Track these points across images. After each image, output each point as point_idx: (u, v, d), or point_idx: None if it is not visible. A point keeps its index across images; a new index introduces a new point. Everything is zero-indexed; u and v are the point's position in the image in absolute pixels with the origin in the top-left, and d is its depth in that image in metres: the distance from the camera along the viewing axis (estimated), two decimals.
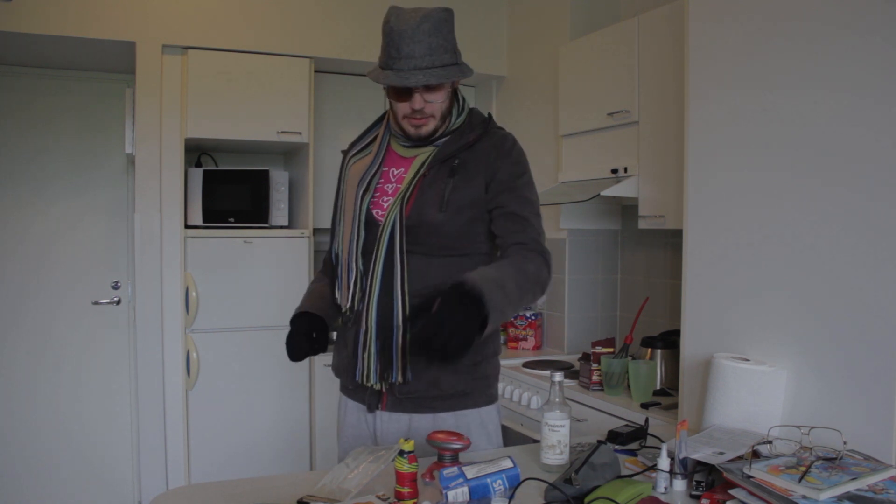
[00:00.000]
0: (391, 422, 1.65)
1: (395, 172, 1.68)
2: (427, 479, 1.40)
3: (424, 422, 1.63)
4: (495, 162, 1.61)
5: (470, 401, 1.65)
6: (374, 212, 1.65)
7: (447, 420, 1.63)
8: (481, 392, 1.67)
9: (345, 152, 1.79)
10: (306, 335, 1.67)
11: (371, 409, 1.67)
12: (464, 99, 1.70)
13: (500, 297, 1.40)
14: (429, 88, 1.55)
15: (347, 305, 1.66)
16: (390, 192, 1.66)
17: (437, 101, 1.58)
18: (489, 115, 1.74)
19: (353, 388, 1.70)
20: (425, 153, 1.65)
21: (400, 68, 1.52)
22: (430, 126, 1.61)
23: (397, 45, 1.51)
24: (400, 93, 1.57)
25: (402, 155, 1.69)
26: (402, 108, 1.59)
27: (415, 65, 1.51)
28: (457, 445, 1.42)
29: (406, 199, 1.60)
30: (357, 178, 1.69)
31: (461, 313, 1.34)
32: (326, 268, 1.85)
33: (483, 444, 1.67)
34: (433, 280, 1.58)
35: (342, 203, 1.73)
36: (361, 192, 1.66)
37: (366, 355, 1.62)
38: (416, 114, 1.58)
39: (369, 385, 1.63)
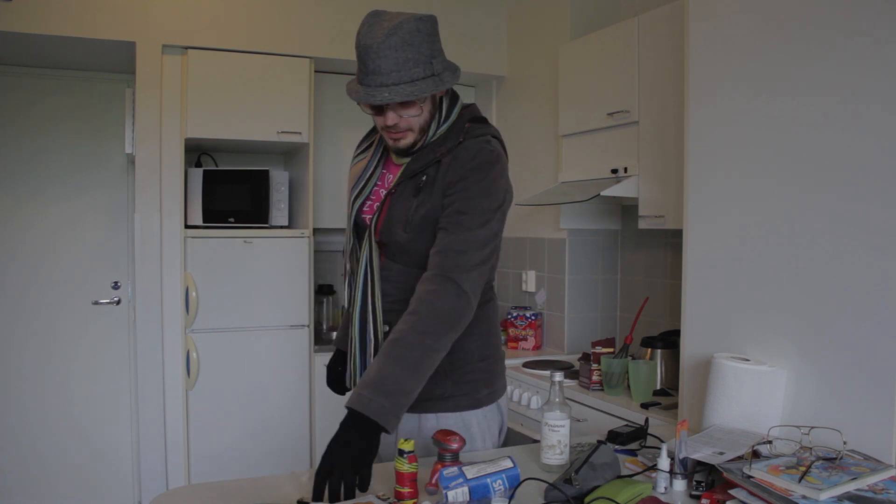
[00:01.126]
0: (402, 420, 1.64)
1: (389, 178, 1.69)
2: (430, 489, 1.39)
3: (411, 421, 1.64)
4: (451, 174, 1.55)
5: (451, 404, 1.63)
6: (364, 216, 1.67)
7: (430, 420, 1.63)
8: (464, 395, 1.65)
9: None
10: (332, 375, 1.91)
11: None
12: (450, 106, 1.62)
13: (387, 399, 1.37)
14: (401, 104, 1.53)
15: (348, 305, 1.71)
16: (383, 196, 1.67)
17: (412, 116, 1.55)
18: (476, 118, 1.66)
19: None
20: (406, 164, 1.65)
21: (368, 84, 1.49)
22: (408, 139, 1.59)
23: (364, 61, 1.49)
24: (373, 108, 1.56)
25: (394, 161, 1.70)
26: (378, 121, 1.59)
27: (381, 81, 1.47)
28: (454, 445, 1.42)
29: (378, 216, 1.62)
30: (353, 181, 1.71)
31: (348, 452, 1.32)
32: None
33: (465, 448, 1.64)
34: (413, 289, 1.57)
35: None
36: (354, 197, 1.68)
37: (352, 364, 1.67)
38: (391, 129, 1.57)
39: None
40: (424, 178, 1.58)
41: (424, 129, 1.59)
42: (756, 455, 1.39)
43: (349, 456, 1.31)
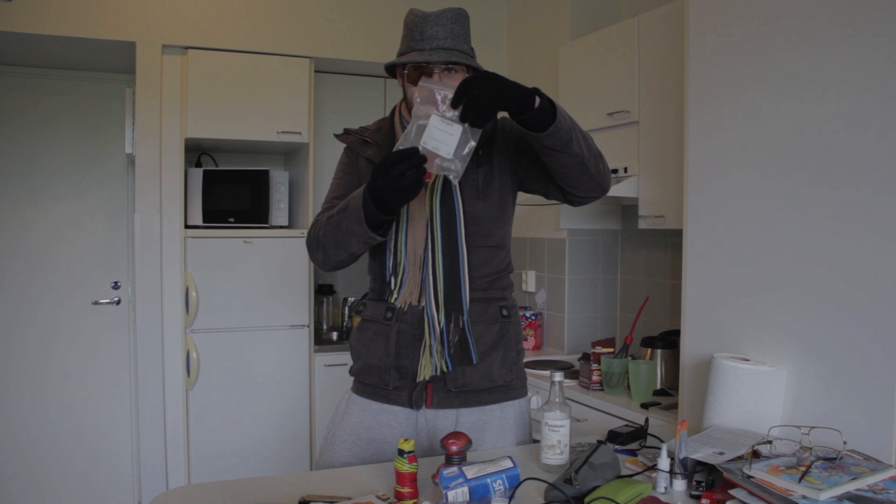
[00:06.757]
0: (438, 419, 1.65)
1: None
2: (436, 480, 1.38)
3: (472, 416, 1.66)
4: (507, 137, 1.66)
5: (514, 393, 1.71)
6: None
7: (493, 412, 1.67)
8: (520, 385, 1.74)
9: (349, 139, 1.73)
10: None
11: (417, 406, 1.65)
12: None
13: (561, 111, 1.44)
14: (448, 72, 1.57)
15: (406, 300, 1.63)
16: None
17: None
18: None
19: (393, 388, 1.65)
20: None
21: (423, 48, 1.56)
22: None
23: (421, 28, 1.56)
24: (419, 75, 1.57)
25: None
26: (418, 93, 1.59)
27: (438, 44, 1.56)
28: (465, 447, 1.42)
29: (439, 193, 1.59)
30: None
31: (503, 80, 1.38)
32: None
33: (521, 435, 1.72)
34: (476, 270, 1.63)
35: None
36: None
37: (437, 345, 1.61)
38: None
39: (422, 380, 1.62)
40: (480, 151, 1.63)
41: None
42: (756, 455, 1.39)
43: (498, 84, 1.36)
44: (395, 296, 1.63)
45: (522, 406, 1.75)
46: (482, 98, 1.35)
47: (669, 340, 2.50)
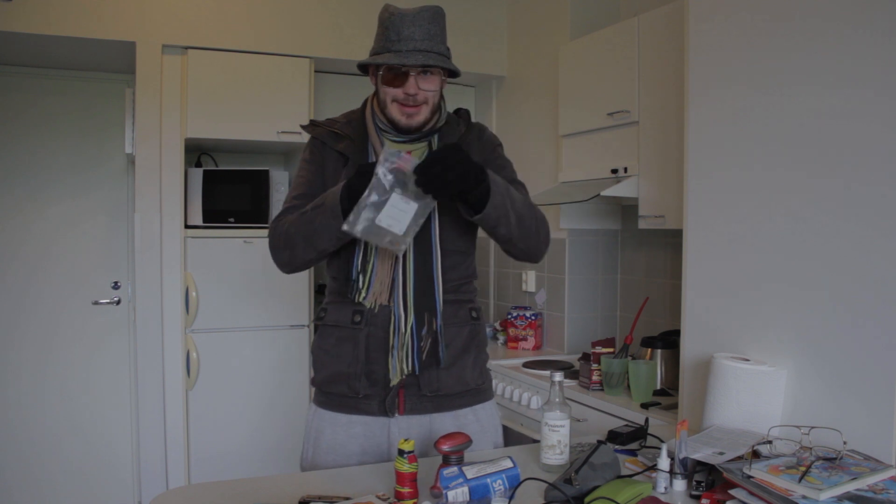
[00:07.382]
0: (412, 426, 1.63)
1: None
2: (435, 492, 1.37)
3: (446, 421, 1.64)
4: (483, 151, 1.67)
5: (484, 395, 1.72)
6: None
7: (467, 416, 1.67)
8: (488, 387, 1.74)
9: (318, 130, 1.71)
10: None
11: (390, 413, 1.62)
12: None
13: (502, 188, 1.50)
14: (424, 74, 1.55)
15: (375, 300, 1.60)
16: None
17: (430, 90, 1.57)
18: (465, 110, 1.76)
19: (363, 395, 1.62)
20: (419, 149, 1.63)
21: (399, 49, 1.52)
22: (421, 115, 1.58)
23: (398, 29, 1.52)
24: (394, 77, 1.56)
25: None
26: (395, 93, 1.57)
27: (415, 46, 1.52)
28: (462, 446, 1.41)
29: None
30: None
31: (469, 160, 1.44)
32: None
33: (494, 437, 1.72)
34: (447, 273, 1.62)
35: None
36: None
37: (403, 347, 1.58)
38: (409, 99, 1.56)
39: (397, 381, 1.58)
40: None
41: (435, 111, 1.62)
42: (756, 455, 1.39)
43: (463, 164, 1.42)
44: (363, 294, 1.59)
45: (493, 408, 1.74)
46: (447, 175, 1.40)
47: (669, 340, 2.50)
